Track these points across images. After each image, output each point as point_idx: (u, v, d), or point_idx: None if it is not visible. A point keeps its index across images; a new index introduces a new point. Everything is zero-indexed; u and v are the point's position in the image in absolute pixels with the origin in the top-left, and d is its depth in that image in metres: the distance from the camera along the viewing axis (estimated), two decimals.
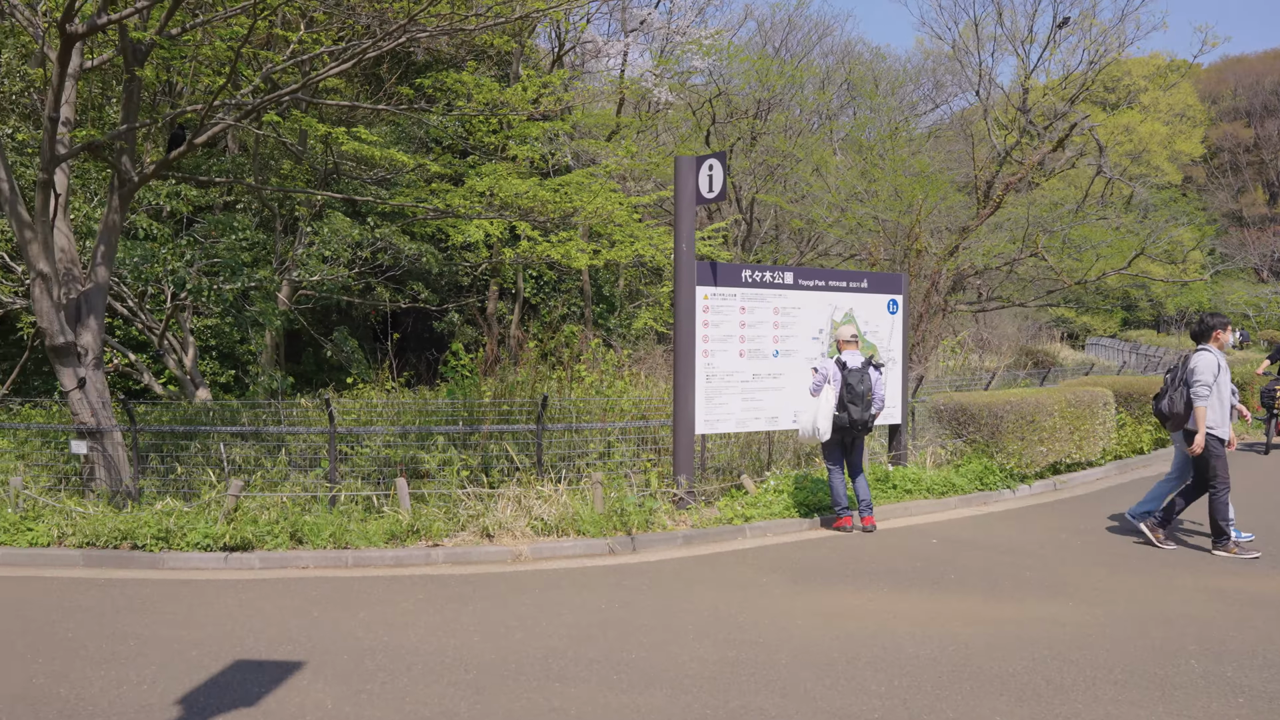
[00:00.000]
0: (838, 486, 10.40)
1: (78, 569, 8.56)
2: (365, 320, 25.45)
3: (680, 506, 10.48)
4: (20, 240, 11.19)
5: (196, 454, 12.70)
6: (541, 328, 28.19)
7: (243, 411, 13.63)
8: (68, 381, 11.60)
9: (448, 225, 21.96)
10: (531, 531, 9.38)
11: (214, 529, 8.73)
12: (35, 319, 11.43)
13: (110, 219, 12.15)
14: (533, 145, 21.71)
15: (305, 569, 8.56)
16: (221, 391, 20.36)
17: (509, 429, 11.82)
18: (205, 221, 15.86)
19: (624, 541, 9.43)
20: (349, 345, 18.09)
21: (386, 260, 18.67)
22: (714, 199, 10.53)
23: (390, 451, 11.71)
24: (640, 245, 21.69)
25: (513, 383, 13.66)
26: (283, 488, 11.29)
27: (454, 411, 13.20)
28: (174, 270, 14.11)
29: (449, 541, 9.13)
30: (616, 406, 13.80)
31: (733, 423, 11.04)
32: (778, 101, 28.25)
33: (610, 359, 14.40)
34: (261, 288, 15.21)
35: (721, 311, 10.90)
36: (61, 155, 11.30)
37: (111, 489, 11.65)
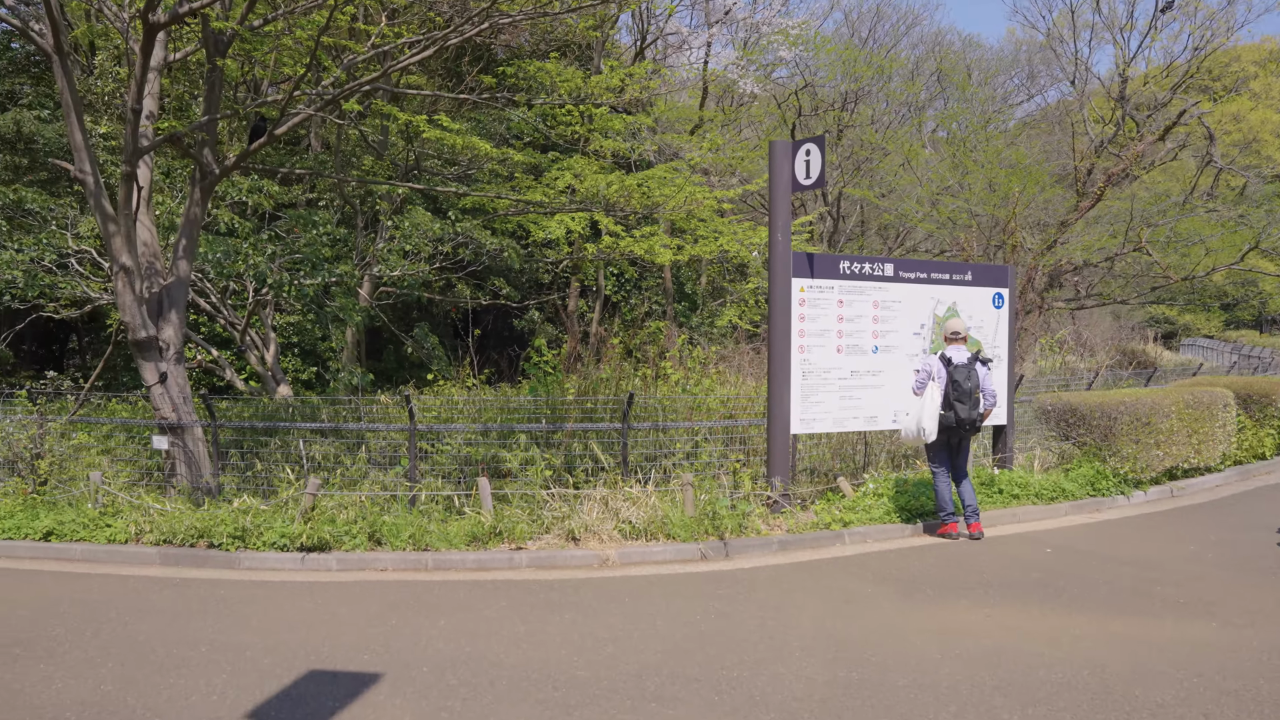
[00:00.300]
0: (943, 491, 9.73)
1: (154, 567, 8.32)
2: (446, 317, 25.30)
3: (774, 510, 9.92)
4: (104, 233, 11.08)
5: (276, 450, 12.50)
6: (623, 325, 27.78)
7: (322, 408, 13.43)
8: (149, 376, 11.46)
9: (528, 221, 21.66)
10: (619, 535, 8.90)
11: (291, 528, 8.42)
12: (120, 313, 11.31)
13: (191, 212, 12.01)
14: (615, 139, 21.30)
15: (383, 571, 8.20)
16: (303, 388, 20.31)
17: (593, 427, 11.38)
18: (287, 217, 15.73)
19: (716, 546, 8.90)
20: (430, 342, 17.84)
21: (467, 256, 18.39)
22: (811, 186, 9.94)
23: (472, 450, 11.34)
24: (725, 240, 21.12)
25: (596, 380, 13.23)
26: (361, 486, 11.00)
27: (536, 409, 12.80)
28: (255, 265, 13.96)
29: (533, 545, 8.70)
30: (703, 405, 13.28)
31: (829, 422, 10.44)
32: (864, 93, 27.45)
33: (697, 356, 13.89)
34: (342, 283, 15.02)
35: (818, 305, 10.31)
36: (143, 147, 11.16)
37: (192, 485, 11.49)
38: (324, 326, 17.40)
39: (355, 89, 11.56)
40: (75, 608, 6.99)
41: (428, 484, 10.94)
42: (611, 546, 8.70)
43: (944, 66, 27.54)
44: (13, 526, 8.85)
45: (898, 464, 12.21)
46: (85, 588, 7.61)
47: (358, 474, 11.60)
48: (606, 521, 8.98)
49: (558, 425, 11.68)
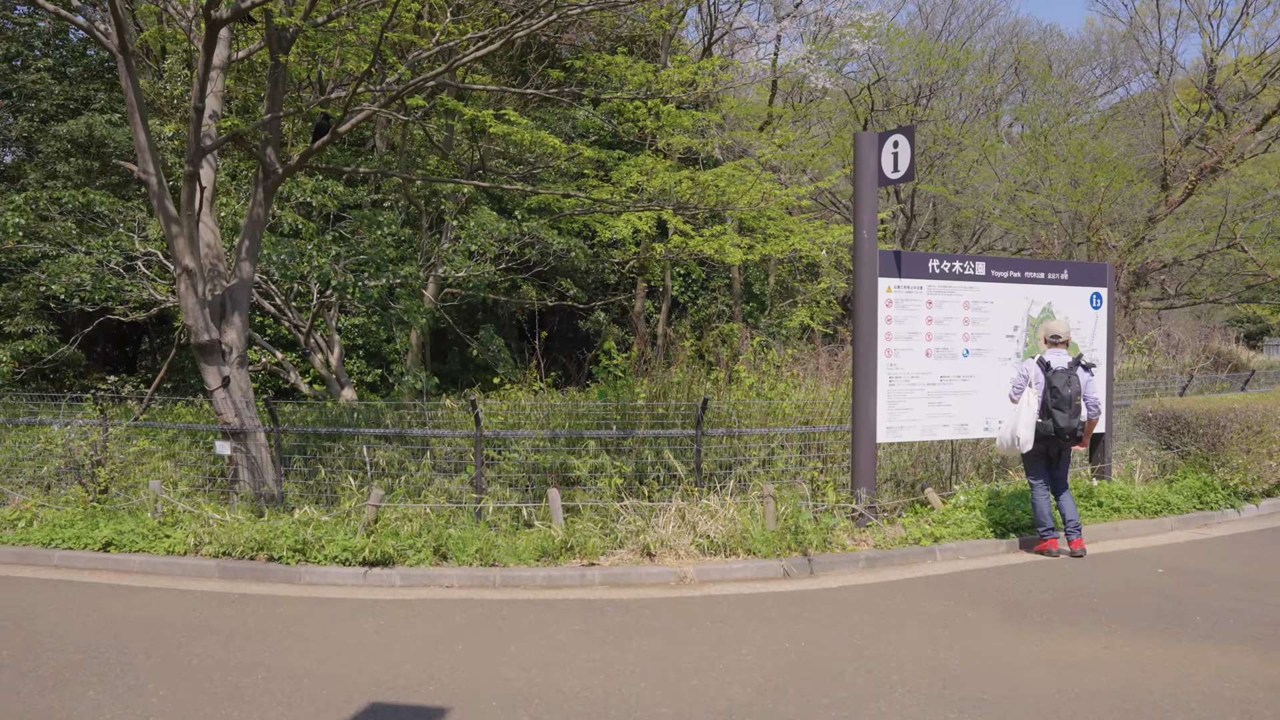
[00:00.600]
0: (1041, 504, 9.06)
1: (212, 581, 8.00)
2: (511, 319, 24.99)
3: (860, 524, 9.33)
4: (167, 234, 10.85)
5: (339, 456, 12.21)
6: (690, 327, 27.24)
7: (386, 412, 13.10)
8: (212, 380, 11.22)
9: (594, 221, 21.24)
10: (696, 550, 8.39)
11: (353, 541, 8.04)
12: (182, 316, 11.09)
13: (255, 212, 11.75)
14: (682, 136, 20.78)
15: (449, 588, 7.78)
16: (367, 391, 20.11)
17: (665, 434, 10.88)
18: (352, 218, 15.49)
19: (799, 563, 8.34)
20: (495, 344, 17.49)
21: (534, 256, 18.00)
22: (899, 179, 9.34)
23: (540, 457, 10.90)
24: (796, 239, 20.50)
25: (667, 384, 12.71)
26: (426, 495, 10.64)
27: (605, 414, 12.33)
28: (320, 266, 13.70)
29: (605, 560, 8.22)
30: (778, 410, 12.70)
31: (918, 430, 9.82)
32: (939, 87, 26.60)
33: (772, 358, 13.32)
34: (407, 285, 14.71)
35: (906, 306, 9.70)
36: (206, 146, 10.91)
37: (254, 491, 11.23)
38: (388, 329, 17.13)
39: (420, 84, 11.20)
40: (130, 626, 6.66)
41: (494, 493, 10.56)
42: (689, 563, 8.19)
43: (1022, 58, 26.55)
44: (73, 536, 8.61)
45: (986, 474, 11.54)
46: (142, 603, 7.30)
47: (422, 481, 11.26)
48: (683, 536, 8.47)
49: (628, 431, 11.19)
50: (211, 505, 9.12)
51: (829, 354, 15.84)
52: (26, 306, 20.80)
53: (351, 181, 21.04)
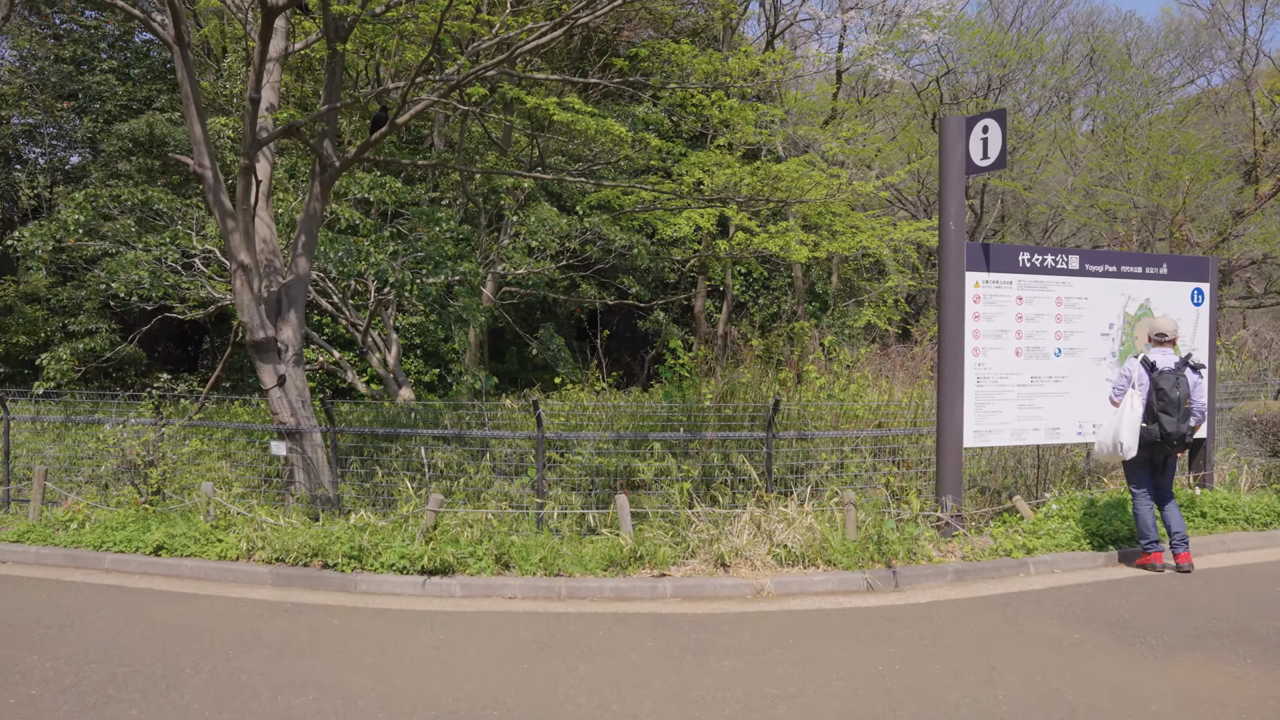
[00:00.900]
0: (1144, 514, 8.39)
1: (265, 588, 7.64)
2: (570, 318, 24.58)
3: (945, 534, 8.73)
4: (222, 230, 10.58)
5: (397, 457, 11.87)
6: (751, 326, 26.64)
7: (445, 412, 12.75)
8: (267, 379, 10.92)
9: (655, 218, 20.76)
10: (773, 561, 7.87)
11: (411, 548, 7.64)
12: (238, 313, 10.81)
13: (311, 207, 11.44)
14: (748, 128, 20.22)
15: (512, 599, 7.34)
16: (425, 390, 19.81)
17: (734, 436, 10.39)
18: (410, 213, 15.16)
19: (884, 576, 7.78)
20: (555, 343, 17.04)
21: (595, 253, 17.54)
22: (989, 168, 8.73)
23: (604, 460, 10.45)
24: (863, 236, 19.85)
25: (733, 384, 12.21)
26: (486, 498, 10.25)
27: (670, 415, 11.86)
28: (377, 263, 13.38)
29: (677, 571, 7.73)
30: (850, 412, 12.12)
31: (1007, 434, 9.20)
32: (1009, 79, 25.71)
33: (844, 358, 12.74)
34: (466, 282, 14.34)
35: (994, 302, 9.08)
36: (261, 139, 10.61)
37: (310, 492, 10.92)
38: (446, 327, 16.81)
39: (480, 74, 10.81)
40: (178, 637, 6.31)
41: (556, 496, 10.15)
42: (766, 574, 7.67)
43: (1098, 47, 25.54)
44: (124, 539, 8.33)
45: (1076, 480, 10.87)
46: (191, 611, 6.95)
47: (481, 483, 10.91)
48: (759, 545, 7.95)
49: (696, 434, 10.71)
50: (265, 508, 8.78)
51: (899, 354, 15.21)
52: (90, 305, 20.87)
53: (409, 179, 20.79)
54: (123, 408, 13.05)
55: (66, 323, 20.66)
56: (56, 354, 14.53)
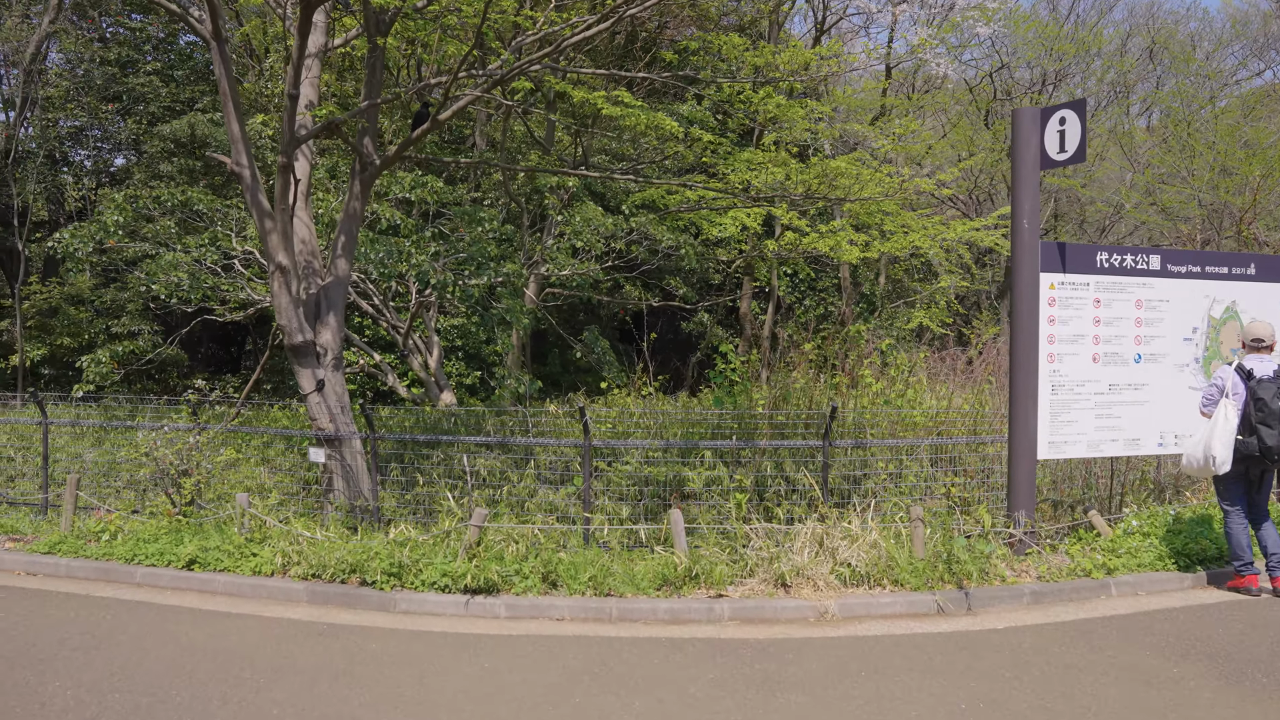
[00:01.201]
0: (1238, 534, 7.79)
1: (300, 606, 7.26)
2: (613, 320, 24.15)
3: (1018, 552, 8.19)
4: (260, 230, 10.26)
5: (438, 464, 11.51)
6: (797, 328, 26.06)
7: (488, 418, 12.36)
8: (305, 384, 10.59)
9: (701, 219, 20.29)
10: (837, 581, 7.37)
11: (453, 566, 7.23)
12: (275, 316, 10.50)
13: (351, 206, 11.11)
14: (802, 122, 19.69)
15: (560, 621, 6.90)
16: (466, 394, 19.47)
17: (790, 445, 9.91)
18: (452, 213, 14.81)
19: (955, 597, 7.27)
20: (600, 346, 16.60)
21: (641, 254, 17.08)
22: (1066, 161, 8.18)
23: (654, 470, 10.00)
24: (915, 236, 19.26)
25: (786, 389, 11.70)
26: (530, 508, 9.85)
27: (721, 422, 11.38)
28: (419, 264, 13.03)
29: (735, 591, 7.26)
30: (908, 419, 11.58)
31: (1083, 445, 8.63)
32: (1064, 74, 24.94)
33: (901, 363, 12.19)
34: (509, 283, 13.94)
35: (1070, 305, 8.52)
36: (301, 136, 10.29)
37: (349, 501, 10.58)
38: (489, 330, 16.43)
39: (523, 68, 10.42)
40: (207, 662, 5.94)
41: (602, 506, 9.73)
42: (829, 595, 7.18)
43: (1160, 39, 24.67)
44: (156, 552, 8.00)
45: (1155, 493, 10.27)
46: (222, 632, 6.58)
47: (525, 492, 10.53)
48: (821, 563, 7.46)
49: (750, 442, 10.23)
50: (301, 521, 8.42)
51: (954, 357, 14.61)
52: (133, 307, 20.77)
53: (451, 180, 20.46)
54: (160, 412, 12.82)
55: (110, 325, 20.57)
56: (96, 356, 14.34)
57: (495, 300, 15.06)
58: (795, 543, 7.65)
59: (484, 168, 20.98)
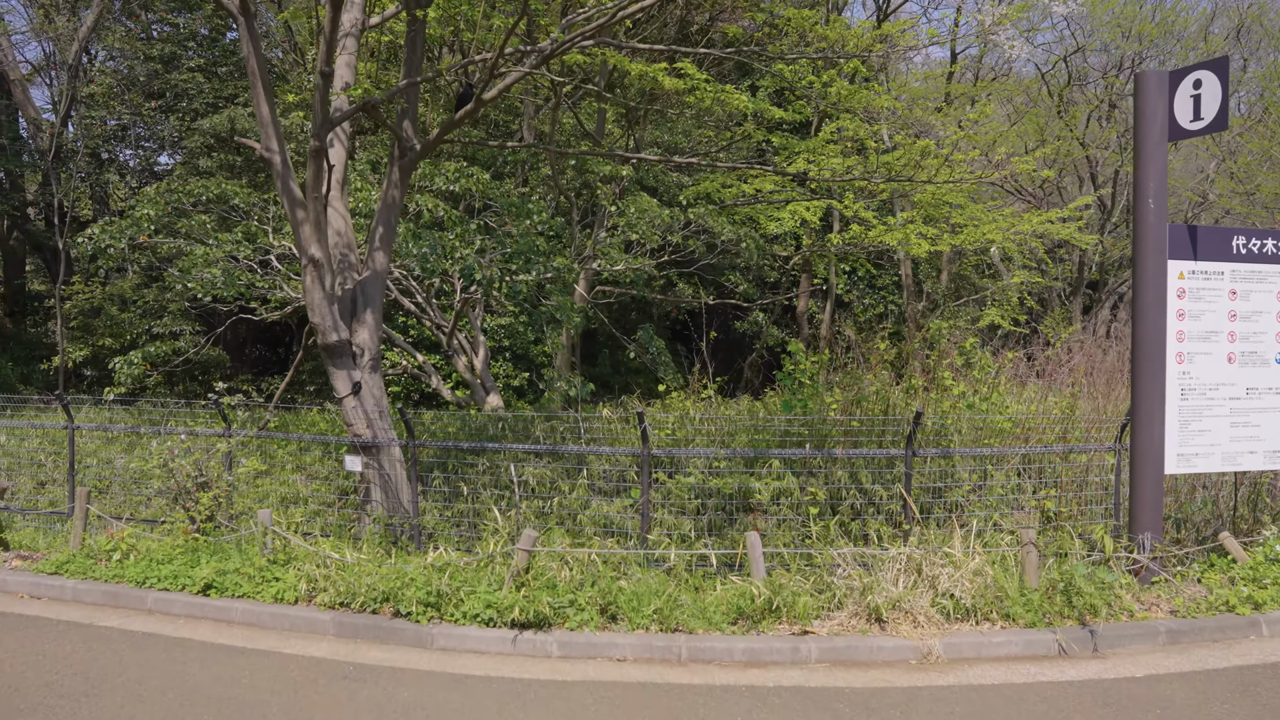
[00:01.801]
0: None
1: (325, 641, 6.41)
2: (664, 319, 23.18)
3: (1144, 580, 7.14)
4: (292, 220, 9.47)
5: (483, 473, 10.68)
6: (855, 326, 24.96)
7: (536, 423, 11.51)
8: (341, 386, 9.79)
9: (759, 212, 19.32)
10: (939, 615, 6.38)
11: (499, 596, 6.34)
12: (308, 313, 9.70)
13: (389, 195, 10.29)
14: (855, 119, 18.65)
15: (621, 663, 5.98)
16: (513, 395, 18.63)
17: (872, 453, 8.95)
18: (499, 205, 13.95)
19: (1079, 636, 6.24)
20: (655, 346, 15.61)
21: (698, 248, 16.07)
22: (1202, 130, 7.12)
23: (720, 482, 9.06)
24: (987, 229, 18.12)
25: (860, 393, 10.68)
26: (583, 522, 8.98)
27: (790, 428, 10.40)
28: (464, 259, 12.20)
29: (821, 627, 6.29)
30: (994, 426, 10.52)
31: (1217, 458, 7.55)
32: (1144, 58, 23.57)
33: (985, 364, 11.13)
34: (559, 279, 13.05)
35: (1202, 297, 7.45)
36: (334, 118, 9.47)
37: (388, 514, 9.77)
38: (537, 329, 15.58)
39: (575, 41, 9.52)
40: (213, 710, 5.09)
41: (662, 519, 8.83)
42: (931, 633, 6.19)
43: (1252, 14, 23.13)
44: (170, 574, 7.20)
45: None
46: (234, 674, 5.74)
47: (577, 504, 9.68)
48: (920, 594, 6.47)
49: (827, 451, 9.26)
50: (330, 542, 7.57)
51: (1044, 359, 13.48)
52: (174, 307, 20.23)
53: (498, 175, 19.64)
54: (195, 414, 12.12)
55: (152, 325, 20.02)
56: (128, 358, 13.67)
57: (544, 298, 14.19)
58: (888, 569, 6.66)
59: (532, 161, 20.17)
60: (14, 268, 24.64)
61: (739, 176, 20.86)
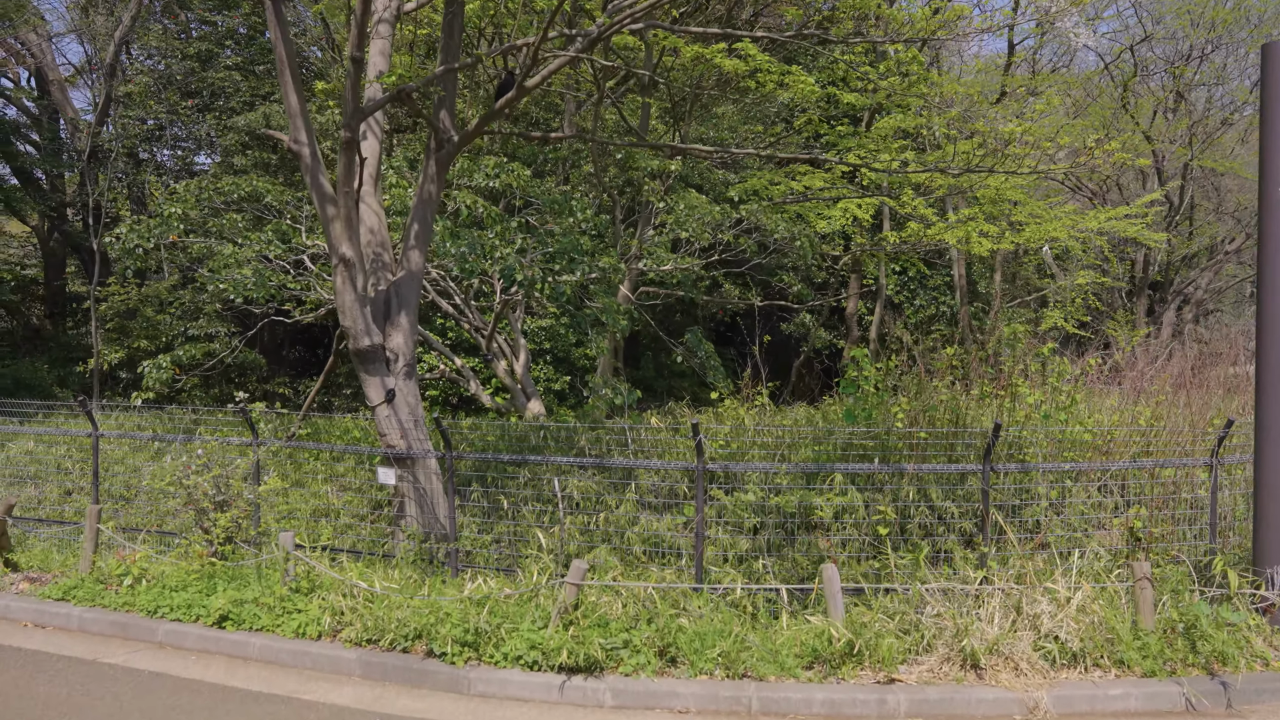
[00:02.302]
0: None
1: (350, 683, 5.75)
2: (709, 321, 22.40)
3: (1274, 621, 6.30)
4: (322, 217, 8.87)
5: (525, 485, 10.03)
6: (905, 329, 24.06)
7: (580, 432, 10.84)
8: (373, 394, 9.17)
9: (808, 210, 18.53)
10: (1043, 661, 5.60)
11: (544, 636, 5.65)
12: (338, 316, 9.10)
13: (426, 190, 9.67)
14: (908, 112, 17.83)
15: (684, 714, 5.27)
16: (555, 400, 17.97)
17: (942, 469, 8.22)
18: (540, 201, 13.30)
19: (1209, 690, 5.45)
20: (704, 350, 14.83)
21: (749, 246, 15.27)
22: None
23: (782, 499, 8.33)
24: (1050, 226, 17.21)
25: (928, 402, 9.89)
26: (632, 540, 8.32)
27: (851, 439, 9.64)
28: (504, 258, 11.55)
29: (908, 673, 5.54)
30: (1073, 438, 9.70)
31: None
32: (1215, 46, 22.50)
33: (1063, 370, 10.28)
34: (604, 280, 12.34)
35: None
36: (366, 108, 8.86)
37: (423, 530, 9.14)
38: (580, 331, 14.89)
39: (622, 23, 8.84)
40: None
41: (716, 537, 8.16)
42: (1036, 682, 5.42)
43: None
44: (184, 603, 6.58)
45: None
46: None
47: (625, 520, 9.03)
48: (1020, 636, 5.70)
49: (896, 466, 8.51)
50: (358, 568, 6.91)
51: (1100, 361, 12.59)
52: (210, 309, 19.79)
53: (539, 173, 18.98)
54: (221, 423, 11.58)
55: (188, 327, 19.58)
56: (156, 362, 13.16)
57: (588, 299, 13.49)
58: (983, 607, 5.90)
59: (573, 160, 19.51)
60: (55, 269, 24.37)
61: (787, 173, 20.11)
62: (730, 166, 21.20)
